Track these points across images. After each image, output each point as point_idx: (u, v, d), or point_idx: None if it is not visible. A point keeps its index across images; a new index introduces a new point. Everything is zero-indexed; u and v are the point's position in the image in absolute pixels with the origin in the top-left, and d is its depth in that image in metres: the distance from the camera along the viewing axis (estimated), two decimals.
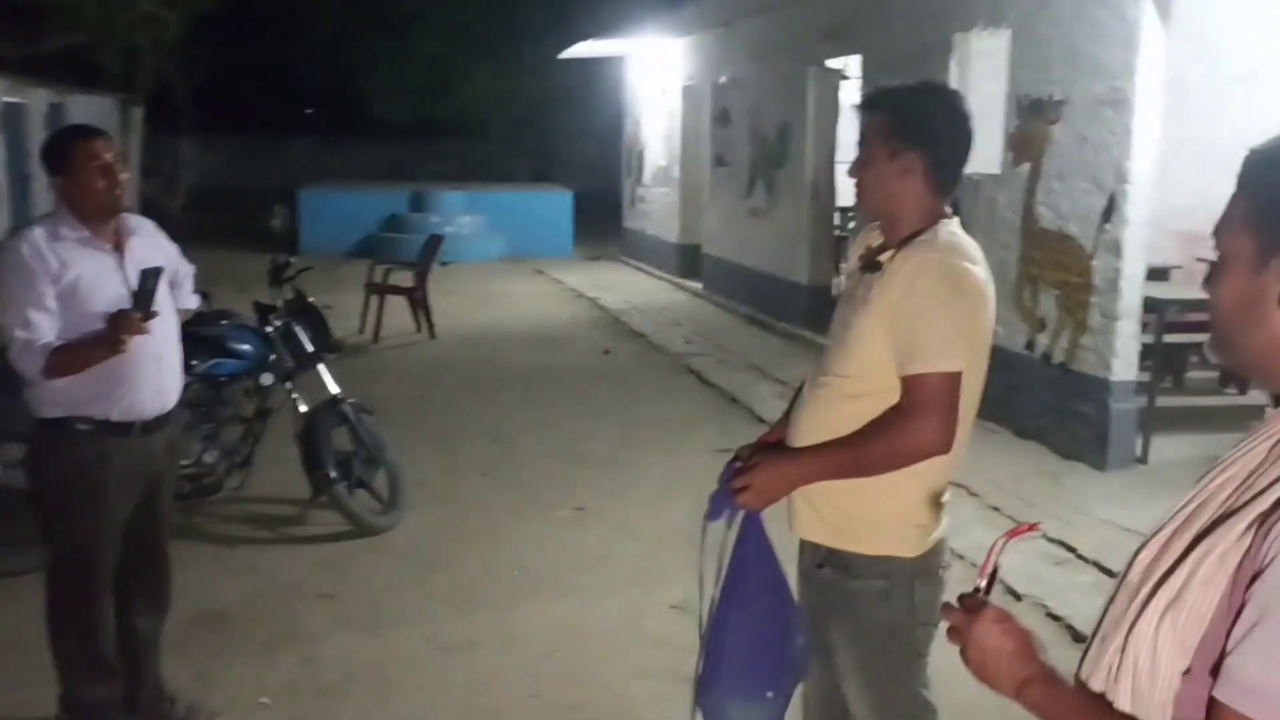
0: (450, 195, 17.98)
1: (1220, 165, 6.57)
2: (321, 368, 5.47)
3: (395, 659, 4.13)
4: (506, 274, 15.60)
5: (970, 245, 2.35)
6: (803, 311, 10.34)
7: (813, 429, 2.39)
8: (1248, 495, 1.15)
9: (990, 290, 2.33)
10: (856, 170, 2.40)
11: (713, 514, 2.46)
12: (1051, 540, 5.23)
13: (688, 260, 14.24)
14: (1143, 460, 6.21)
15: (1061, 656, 4.08)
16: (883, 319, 2.26)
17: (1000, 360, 2.36)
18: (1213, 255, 1.29)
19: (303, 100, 27.02)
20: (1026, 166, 6.68)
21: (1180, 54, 5.96)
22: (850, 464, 2.28)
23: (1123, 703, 1.25)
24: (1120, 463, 6.09)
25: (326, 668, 4.07)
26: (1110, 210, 5.98)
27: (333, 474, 5.23)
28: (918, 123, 2.31)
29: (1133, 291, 5.98)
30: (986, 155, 7.17)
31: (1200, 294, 5.55)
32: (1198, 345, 7.34)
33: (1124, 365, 6.03)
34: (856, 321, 2.33)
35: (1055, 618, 4.47)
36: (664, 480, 6.34)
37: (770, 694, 2.52)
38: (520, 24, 22.59)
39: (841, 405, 2.33)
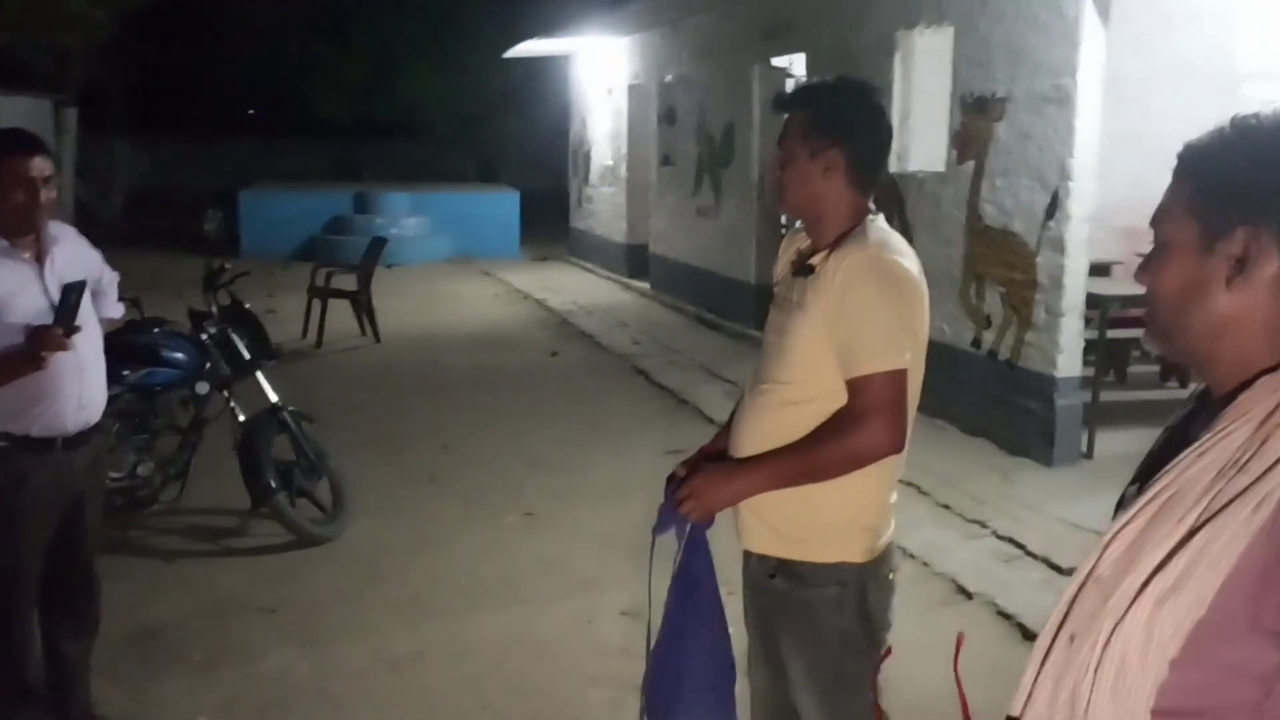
0: (394, 196, 17.77)
1: (1154, 159, 6.64)
2: (260, 375, 5.33)
3: (340, 674, 4.02)
4: (452, 276, 15.44)
5: (899, 240, 2.33)
6: (751, 310, 10.31)
7: (755, 438, 2.34)
8: (1245, 480, 1.15)
9: (924, 283, 2.30)
10: (777, 169, 2.37)
11: (660, 527, 2.40)
12: (1001, 537, 5.25)
13: (635, 260, 14.19)
14: (1088, 455, 6.26)
15: (1011, 654, 4.07)
16: (821, 322, 2.23)
17: (947, 357, 2.35)
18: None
19: (242, 100, 26.56)
20: (970, 164, 6.70)
21: (1115, 48, 6.00)
22: (802, 471, 2.23)
23: (1100, 701, 1.23)
24: (1066, 458, 6.12)
25: (267, 684, 3.95)
26: (1054, 207, 6.01)
27: (273, 484, 5.10)
28: (837, 120, 2.29)
29: (1077, 287, 6.01)
30: (931, 153, 7.21)
31: (1138, 290, 5.58)
32: (1139, 340, 7.44)
33: (1069, 361, 6.06)
34: (793, 327, 2.29)
35: (1005, 615, 4.46)
36: (614, 483, 6.28)
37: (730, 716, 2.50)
38: (463, 22, 22.38)
39: (783, 412, 2.29)
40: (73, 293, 2.99)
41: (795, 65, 10.03)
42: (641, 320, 11.58)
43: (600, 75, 15.36)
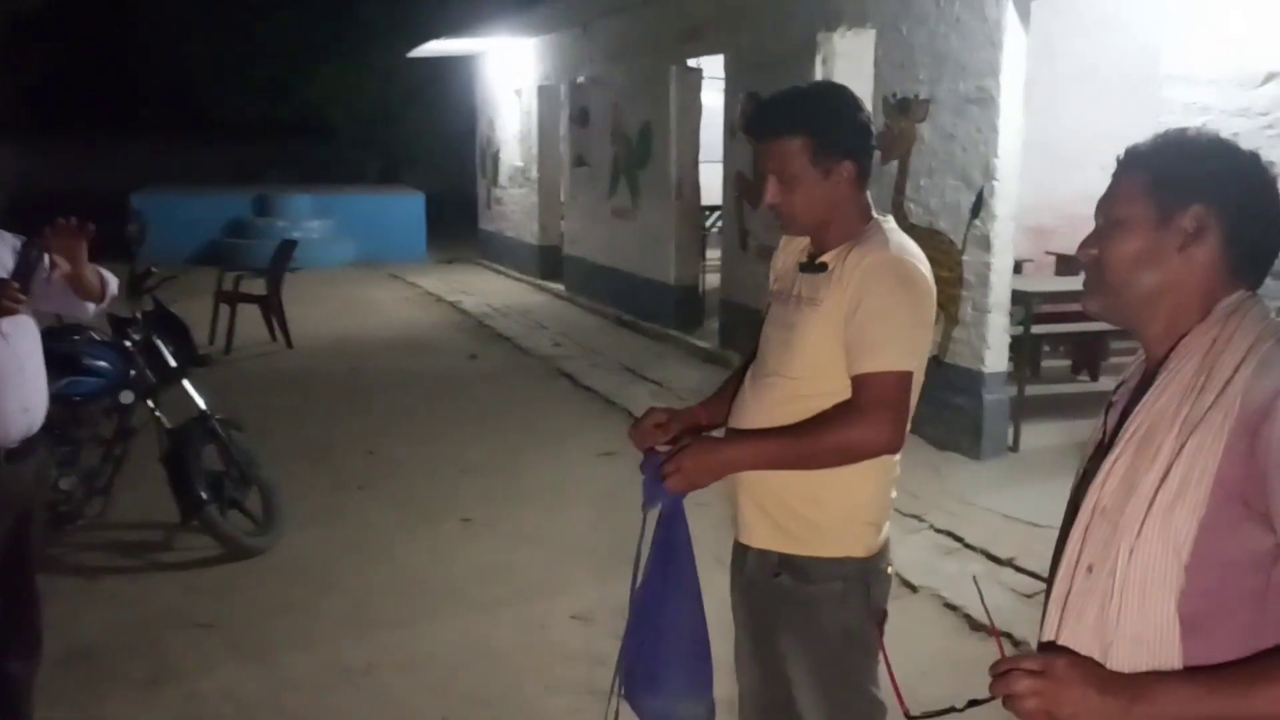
0: (297, 198, 17.36)
1: (1060, 162, 6.88)
2: (187, 383, 5.15)
3: (291, 688, 3.90)
4: (360, 279, 15.15)
5: (913, 243, 2.34)
6: (672, 311, 10.34)
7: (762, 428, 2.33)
8: (1208, 398, 1.39)
9: (935, 288, 2.32)
10: (777, 195, 2.29)
11: (648, 502, 2.34)
12: (939, 530, 5.34)
13: (548, 262, 14.10)
14: (1014, 448, 6.41)
15: (960, 645, 4.13)
16: (835, 319, 2.23)
17: None
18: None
19: (138, 100, 25.55)
20: (895, 164, 6.81)
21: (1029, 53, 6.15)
22: (795, 455, 2.23)
23: (1130, 615, 1.40)
24: (994, 451, 6.27)
25: (215, 702, 3.82)
26: (979, 206, 6.15)
27: (204, 495, 4.93)
28: (842, 134, 2.27)
29: (1003, 285, 6.16)
30: None
31: (1060, 286, 5.70)
32: (1052, 336, 7.66)
33: (996, 357, 6.20)
34: (802, 322, 2.29)
35: (952, 607, 4.54)
36: (551, 486, 6.23)
37: (709, 693, 2.48)
38: (366, 22, 21.98)
39: (791, 406, 2.29)
40: (33, 250, 2.83)
41: (709, 66, 10.06)
42: (560, 322, 11.52)
43: (508, 76, 15.23)
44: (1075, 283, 7.19)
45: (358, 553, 5.21)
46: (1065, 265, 8.80)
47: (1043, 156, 8.18)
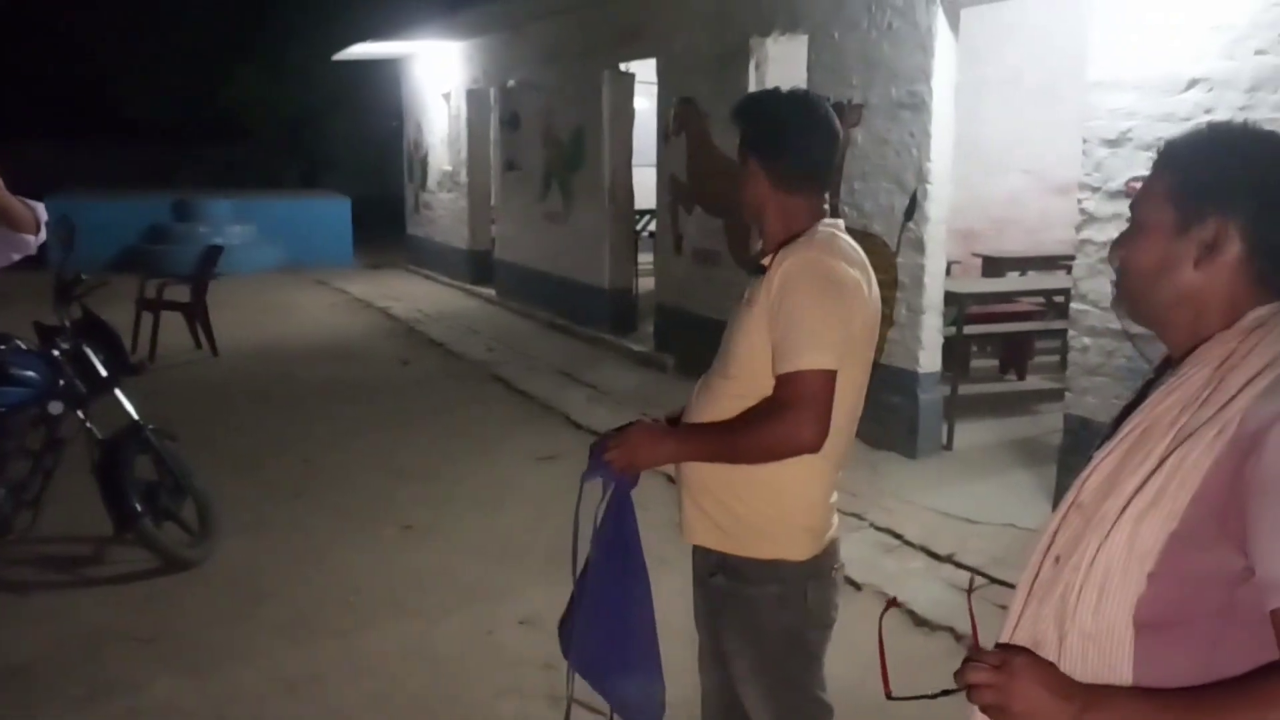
0: (218, 203, 17.00)
1: (985, 166, 7.01)
2: (119, 392, 5.01)
3: (235, 700, 3.82)
4: (285, 285, 14.89)
5: (847, 245, 2.35)
6: (606, 315, 10.34)
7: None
8: (1208, 412, 1.35)
9: (865, 289, 2.32)
10: (737, 190, 2.42)
11: (588, 474, 2.38)
12: (879, 528, 5.42)
13: (479, 266, 14.00)
14: (948, 447, 6.53)
15: (908, 642, 4.18)
16: (763, 320, 2.27)
17: None
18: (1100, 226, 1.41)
19: (46, 100, 24.80)
20: None
21: None
22: (721, 449, 2.28)
23: (1085, 612, 1.40)
24: (929, 450, 6.37)
25: (156, 716, 3.73)
26: (912, 209, 6.26)
27: (138, 507, 4.81)
28: (755, 131, 2.37)
29: (936, 286, 6.27)
30: None
31: (989, 288, 5.81)
32: (980, 336, 7.82)
33: (930, 357, 6.31)
34: (740, 324, 2.34)
35: (895, 604, 4.60)
36: (489, 491, 6.18)
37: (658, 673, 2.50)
38: (288, 24, 21.64)
39: (727, 405, 2.33)
40: None
41: (643, 71, 10.09)
42: (492, 327, 11.45)
43: (436, 79, 15.10)
44: (1003, 284, 7.39)
45: (296, 561, 5.13)
46: (992, 267, 9.00)
47: (968, 161, 8.35)
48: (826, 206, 2.42)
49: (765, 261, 2.33)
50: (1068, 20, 8.79)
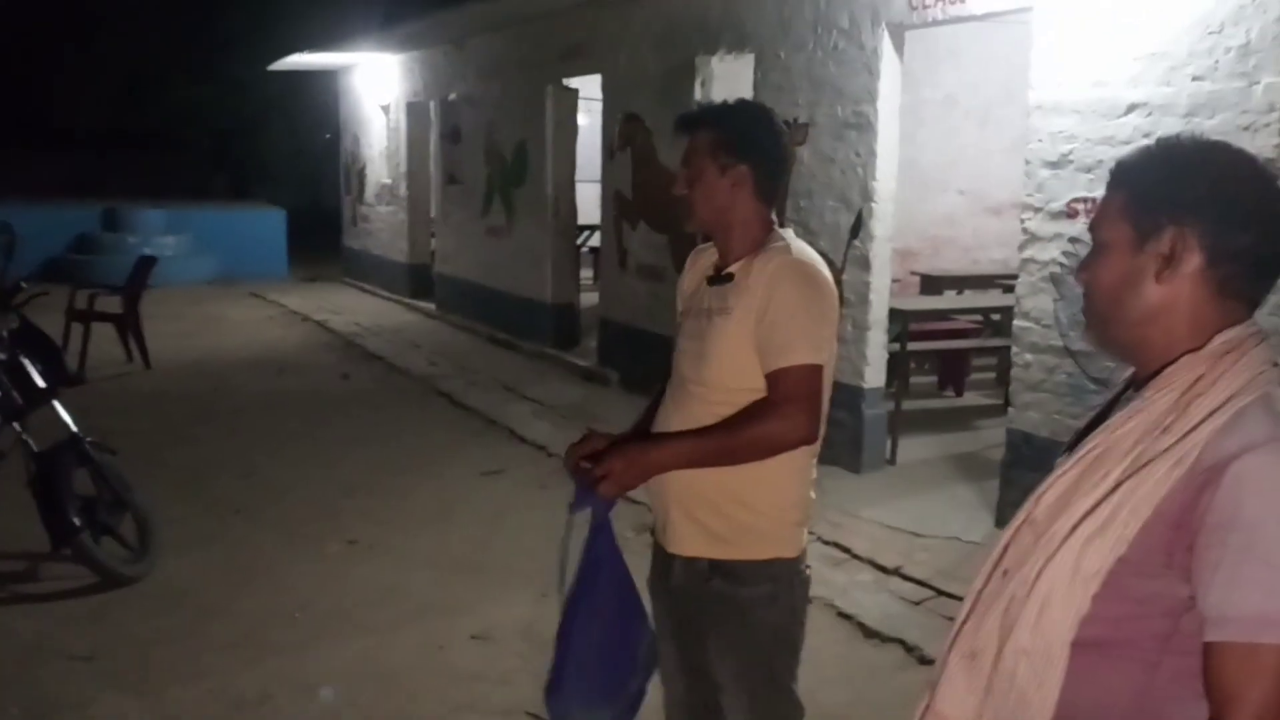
0: (149, 213, 16.64)
1: (923, 186, 7.14)
2: (57, 404, 4.89)
3: None
4: (218, 298, 14.63)
5: (812, 250, 2.45)
6: (549, 330, 10.32)
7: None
8: (1168, 440, 1.35)
9: (835, 292, 2.43)
10: (685, 186, 2.44)
11: (577, 505, 2.36)
12: (826, 542, 5.46)
13: (418, 280, 13.89)
14: (891, 461, 6.62)
15: (858, 653, 4.22)
16: (746, 324, 2.32)
17: None
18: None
19: None
20: None
21: None
22: (717, 449, 2.29)
23: (1024, 627, 1.41)
24: (873, 465, 6.45)
25: None
26: (858, 227, 6.35)
27: (76, 521, 4.69)
28: (743, 137, 2.40)
29: (881, 303, 6.36)
30: None
31: (930, 305, 5.92)
32: (919, 353, 7.95)
33: (874, 373, 6.40)
34: (715, 332, 2.37)
35: (845, 616, 4.66)
36: (436, 506, 6.13)
37: (615, 698, 2.48)
38: (222, 32, 21.32)
39: (707, 409, 2.35)
40: None
41: (587, 86, 10.12)
42: (433, 341, 11.35)
43: (375, 91, 14.97)
44: (942, 301, 7.50)
45: (240, 578, 5.03)
46: (929, 285, 9.16)
47: (906, 181, 8.50)
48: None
49: (732, 270, 2.38)
50: (1002, 46, 9.01)
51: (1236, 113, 4.36)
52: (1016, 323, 5.43)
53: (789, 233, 2.45)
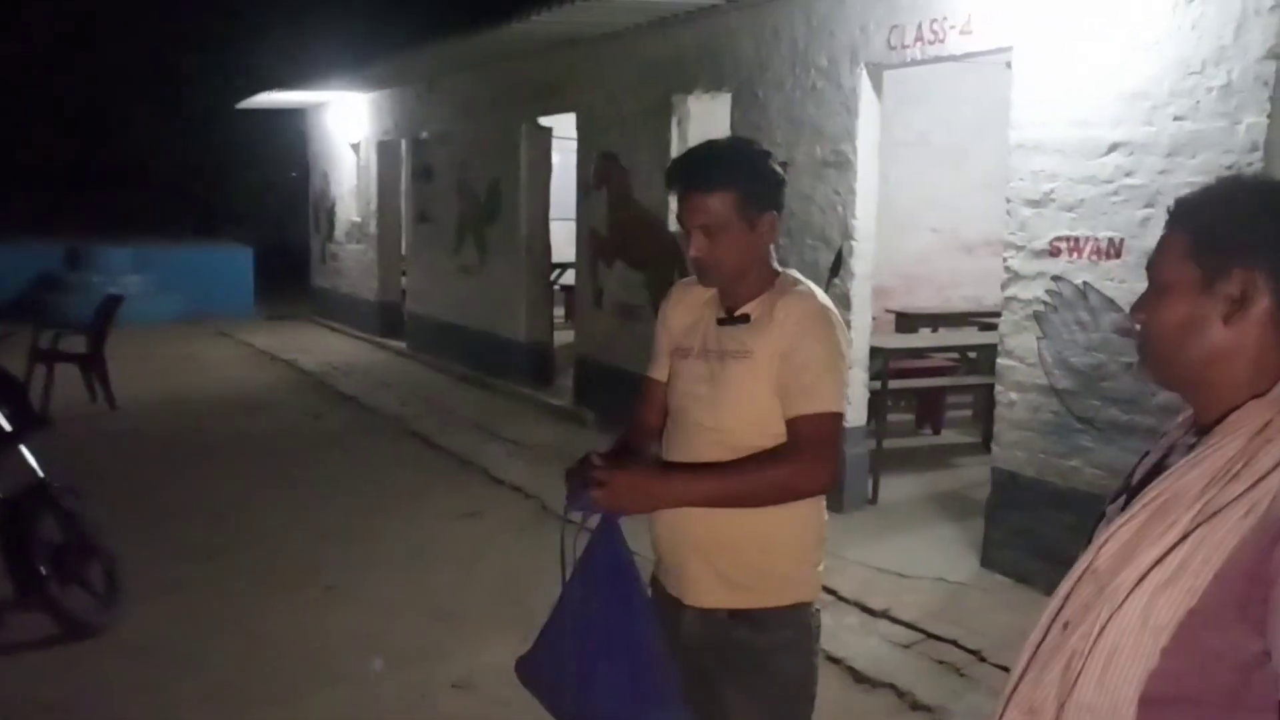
0: (114, 251, 16.41)
1: (896, 225, 7.15)
2: (23, 448, 4.76)
3: None
4: (186, 337, 14.42)
5: None
6: (524, 368, 10.24)
7: None
8: (1238, 487, 1.31)
9: None
10: (703, 250, 2.29)
11: (570, 505, 2.24)
12: None
13: (388, 319, 13.78)
14: (873, 501, 6.58)
15: (850, 696, 4.14)
16: (769, 368, 2.27)
17: None
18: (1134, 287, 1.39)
19: None
20: None
21: None
22: (735, 490, 2.22)
23: (1087, 685, 1.36)
24: (855, 504, 6.40)
25: None
26: (838, 264, 6.34)
27: (43, 570, 4.54)
28: (764, 186, 2.33)
29: (862, 341, 6.35)
30: None
31: (908, 343, 5.89)
32: (896, 391, 7.93)
33: (856, 412, 6.36)
34: (732, 376, 2.31)
35: (835, 659, 4.58)
36: (412, 550, 6.01)
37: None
38: (189, 70, 21.21)
39: (734, 457, 2.28)
40: None
41: (560, 124, 10.11)
42: (404, 380, 11.23)
43: (345, 129, 14.91)
44: (921, 340, 7.50)
45: (213, 627, 4.89)
46: (904, 323, 9.17)
47: (881, 220, 8.53)
48: None
49: (748, 310, 2.32)
50: (973, 85, 9.11)
51: (1219, 152, 4.38)
52: (1000, 361, 5.42)
53: (795, 273, 2.41)
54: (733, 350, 2.32)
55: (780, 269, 2.40)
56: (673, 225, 7.83)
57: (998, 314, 5.53)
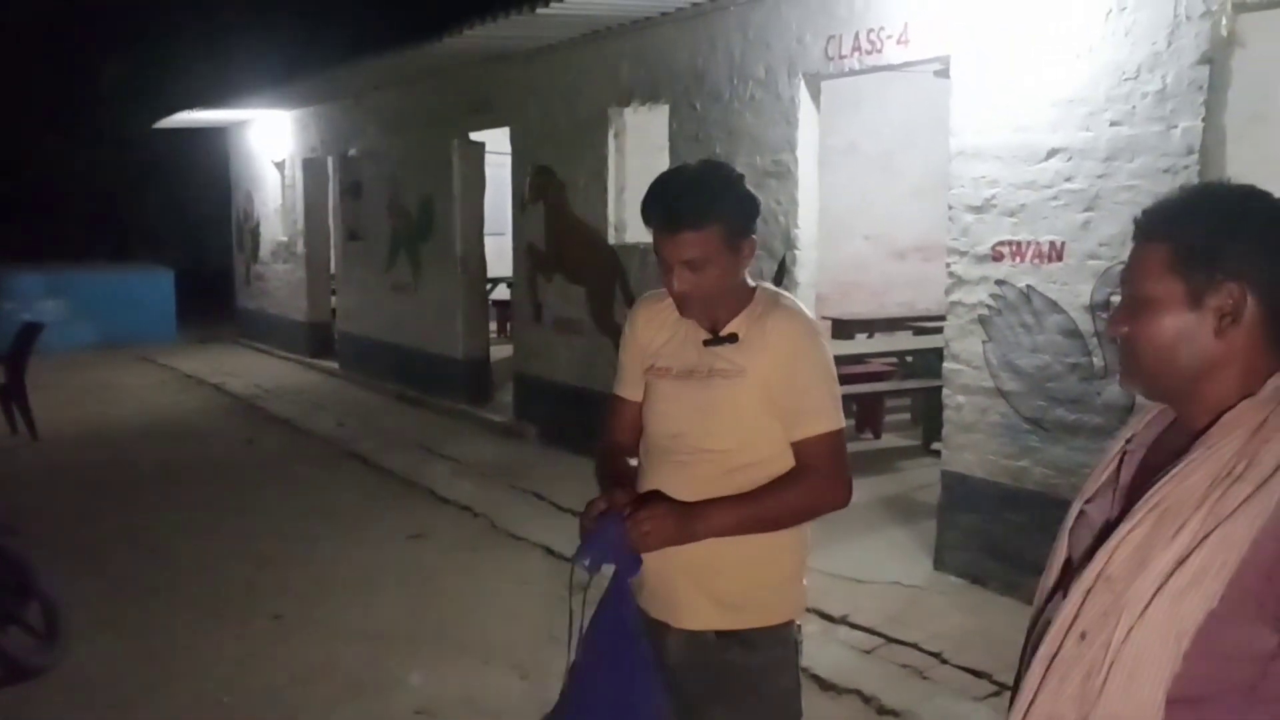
0: (26, 277, 15.89)
1: (830, 233, 7.24)
2: None
3: None
4: (106, 363, 14.01)
5: None
6: (462, 386, 10.12)
7: None
8: (1245, 489, 1.31)
9: None
10: (688, 284, 2.22)
11: (593, 561, 2.18)
12: None
13: (317, 339, 13.54)
14: None
15: (813, 705, 4.14)
16: (764, 385, 2.24)
17: None
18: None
19: None
20: None
21: None
22: (763, 517, 2.22)
23: (1114, 693, 1.35)
24: None
25: None
26: (781, 274, 6.37)
27: None
28: (746, 211, 2.27)
29: None
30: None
31: (849, 350, 5.94)
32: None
33: None
34: (722, 395, 2.27)
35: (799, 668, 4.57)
36: (361, 574, 5.88)
37: None
38: (101, 91, 20.67)
39: (732, 478, 2.25)
40: None
41: (493, 139, 10.03)
42: (338, 401, 11.03)
43: (268, 147, 14.64)
44: (863, 345, 7.58)
45: (159, 663, 4.73)
46: (841, 329, 9.27)
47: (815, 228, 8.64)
48: None
49: (733, 329, 2.28)
50: (901, 93, 9.26)
51: (1156, 156, 4.49)
52: (946, 365, 5.49)
53: (770, 285, 2.40)
54: (722, 369, 2.27)
55: (753, 281, 2.36)
56: (612, 238, 7.81)
57: (932, 318, 5.61)
